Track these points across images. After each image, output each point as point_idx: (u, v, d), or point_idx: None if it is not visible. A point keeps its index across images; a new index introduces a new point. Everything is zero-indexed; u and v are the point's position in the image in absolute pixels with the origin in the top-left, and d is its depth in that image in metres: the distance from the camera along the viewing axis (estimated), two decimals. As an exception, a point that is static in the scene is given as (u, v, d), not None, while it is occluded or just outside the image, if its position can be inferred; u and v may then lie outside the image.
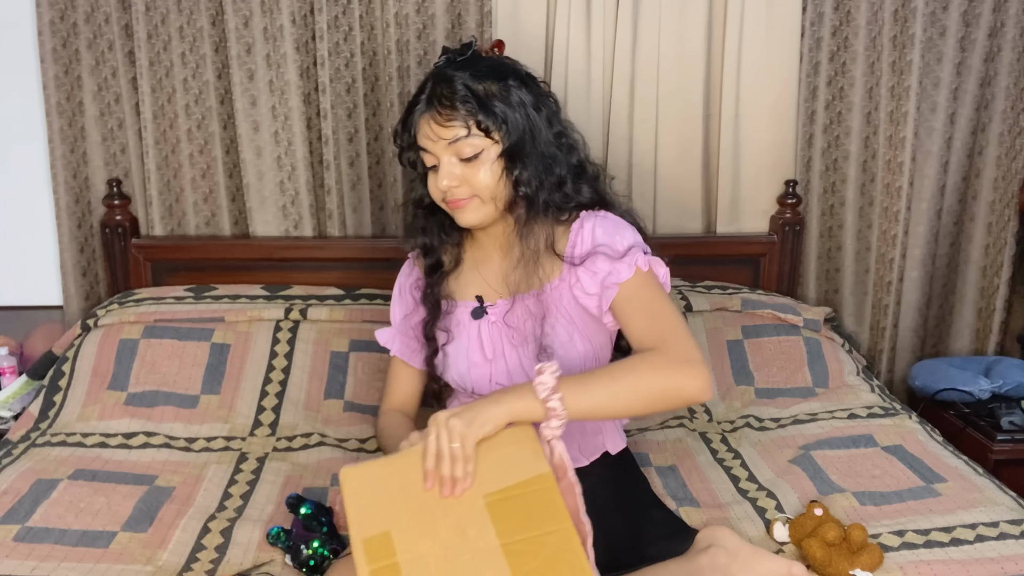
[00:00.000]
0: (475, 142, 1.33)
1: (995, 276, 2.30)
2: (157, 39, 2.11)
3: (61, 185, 2.15)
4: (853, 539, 1.35)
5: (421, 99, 1.37)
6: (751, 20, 2.17)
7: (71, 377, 1.91)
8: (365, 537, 1.10)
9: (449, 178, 1.35)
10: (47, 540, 1.43)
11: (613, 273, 1.34)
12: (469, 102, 1.33)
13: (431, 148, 1.36)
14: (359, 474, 1.17)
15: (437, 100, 1.34)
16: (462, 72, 1.35)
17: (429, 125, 1.35)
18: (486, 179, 1.35)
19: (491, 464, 1.14)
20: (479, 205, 1.38)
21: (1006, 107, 2.25)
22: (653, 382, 1.22)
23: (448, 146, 1.34)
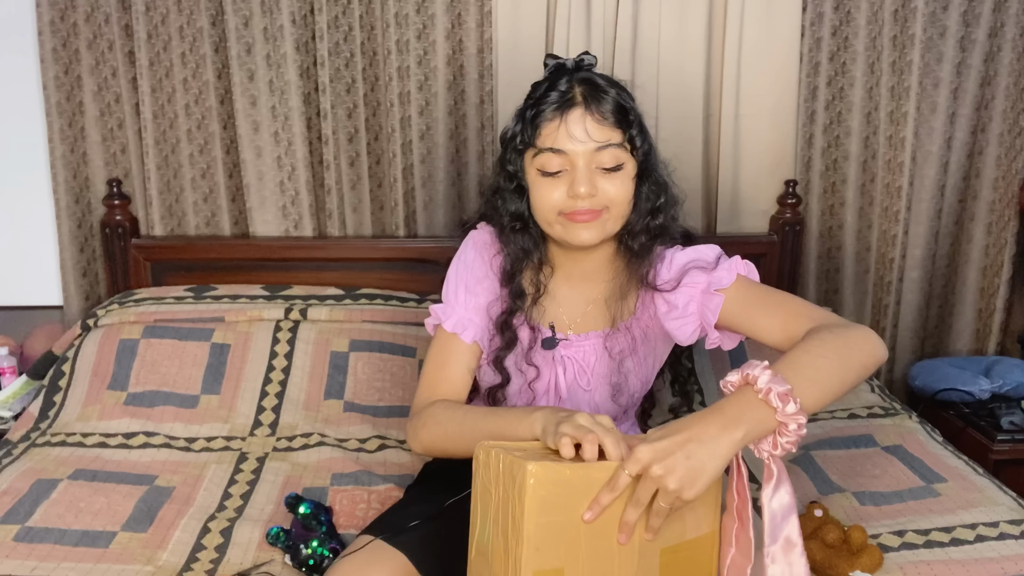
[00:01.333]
0: (621, 153, 1.27)
1: (995, 276, 2.30)
2: (157, 39, 2.11)
3: (61, 185, 2.15)
4: (853, 540, 1.35)
5: (571, 96, 1.27)
6: (751, 20, 2.17)
7: (71, 377, 1.91)
8: (540, 569, 0.93)
9: (588, 185, 1.25)
10: (47, 540, 1.43)
11: (714, 282, 1.31)
12: (622, 111, 1.27)
13: (571, 150, 1.26)
14: (551, 481, 0.93)
15: (595, 101, 1.26)
16: (600, 79, 1.30)
17: (582, 124, 1.25)
18: (624, 193, 1.28)
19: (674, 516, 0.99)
20: (605, 221, 1.29)
21: (1006, 107, 2.25)
22: (852, 351, 1.12)
23: (595, 152, 1.26)
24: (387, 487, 1.63)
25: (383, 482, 1.65)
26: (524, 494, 0.91)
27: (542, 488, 0.92)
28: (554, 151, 1.26)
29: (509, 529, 0.93)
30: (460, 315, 1.36)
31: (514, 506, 0.93)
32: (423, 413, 1.32)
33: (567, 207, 1.27)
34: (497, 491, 0.96)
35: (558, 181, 1.27)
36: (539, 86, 1.32)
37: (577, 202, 1.26)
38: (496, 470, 0.97)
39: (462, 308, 1.36)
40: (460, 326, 1.35)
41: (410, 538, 1.27)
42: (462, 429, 1.24)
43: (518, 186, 1.33)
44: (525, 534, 0.91)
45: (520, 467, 0.92)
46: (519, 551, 0.91)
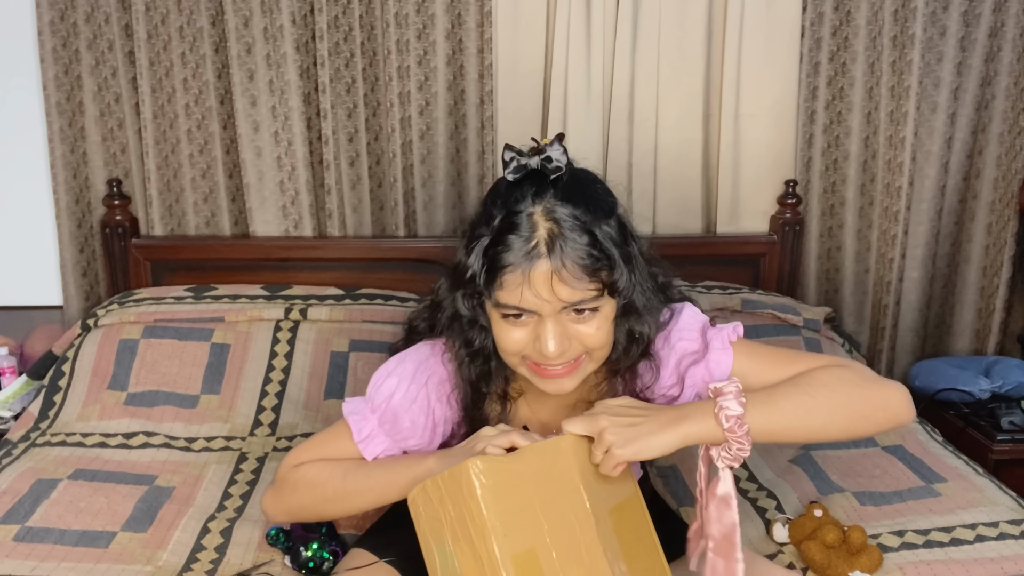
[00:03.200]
0: (599, 302, 1.06)
1: (995, 276, 2.30)
2: (157, 39, 2.11)
3: (61, 185, 2.15)
4: (852, 541, 1.35)
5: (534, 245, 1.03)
6: (751, 20, 2.17)
7: (71, 377, 1.91)
8: (515, 553, 0.93)
9: (558, 344, 1.05)
10: (47, 540, 1.43)
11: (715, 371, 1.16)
12: (600, 260, 1.04)
13: (537, 307, 1.04)
14: (494, 471, 0.95)
15: (562, 254, 1.02)
16: (571, 209, 1.05)
17: (548, 283, 1.03)
18: (601, 334, 1.08)
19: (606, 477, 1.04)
20: (584, 366, 1.11)
21: (1006, 107, 2.25)
22: (852, 398, 1.07)
23: (563, 309, 1.05)
24: (387, 487, 1.63)
25: (383, 482, 1.65)
26: (475, 490, 0.93)
27: (489, 478, 0.94)
28: (517, 309, 1.05)
29: (472, 534, 0.94)
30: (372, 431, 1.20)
31: (469, 509, 0.94)
32: (291, 476, 1.22)
33: (534, 355, 1.08)
34: (446, 512, 0.97)
35: (523, 323, 1.07)
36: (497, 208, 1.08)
37: (547, 359, 1.07)
38: (438, 495, 0.98)
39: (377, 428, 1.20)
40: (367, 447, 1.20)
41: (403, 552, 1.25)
42: (345, 489, 1.17)
43: (479, 325, 1.13)
44: (489, 526, 0.93)
45: (461, 470, 0.94)
46: (490, 545, 0.93)
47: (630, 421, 1.04)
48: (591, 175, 1.13)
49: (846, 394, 1.08)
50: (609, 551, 1.01)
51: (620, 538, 1.05)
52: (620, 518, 1.07)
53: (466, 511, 0.94)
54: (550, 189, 1.07)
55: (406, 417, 1.18)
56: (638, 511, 1.11)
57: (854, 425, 1.09)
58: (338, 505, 1.20)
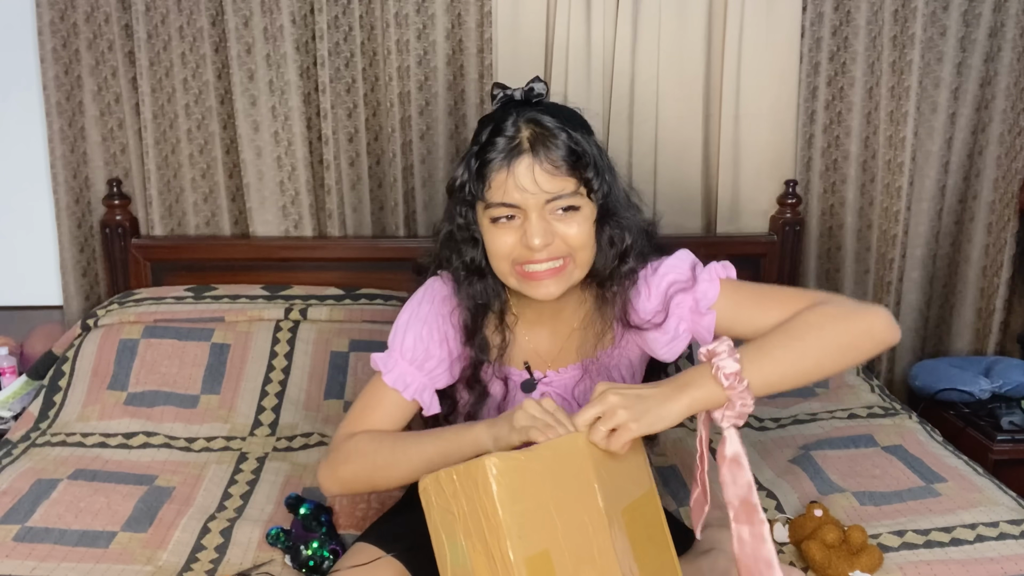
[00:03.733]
0: (576, 199, 1.15)
1: (995, 276, 2.30)
2: (157, 39, 2.11)
3: (61, 185, 2.15)
4: (852, 541, 1.35)
5: (518, 142, 1.14)
6: (751, 20, 2.17)
7: (71, 377, 1.91)
8: (528, 555, 0.93)
9: (542, 235, 1.13)
10: (47, 540, 1.43)
11: (700, 299, 1.21)
12: (574, 155, 1.15)
13: (521, 201, 1.14)
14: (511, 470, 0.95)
15: (543, 147, 1.13)
16: (550, 117, 1.16)
17: (531, 174, 1.13)
18: (585, 237, 1.17)
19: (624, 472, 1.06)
20: (570, 272, 1.18)
21: (1006, 107, 2.25)
22: (839, 330, 1.11)
23: (547, 202, 1.14)
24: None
25: (383, 482, 1.65)
26: (491, 489, 0.92)
27: (505, 477, 0.93)
28: (504, 205, 1.15)
29: (486, 532, 0.94)
30: (403, 370, 1.26)
31: (484, 507, 0.93)
32: (343, 447, 1.25)
33: (521, 256, 1.16)
34: (460, 507, 0.96)
35: (510, 227, 1.16)
36: (485, 124, 1.20)
37: (533, 253, 1.15)
38: (452, 488, 0.97)
39: (407, 364, 1.26)
40: (401, 382, 1.26)
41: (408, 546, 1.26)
42: (394, 457, 1.20)
43: (472, 237, 1.22)
44: (504, 527, 0.92)
45: (478, 467, 0.94)
46: (504, 546, 0.92)
47: (637, 394, 1.05)
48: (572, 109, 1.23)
49: (833, 330, 1.12)
50: (620, 552, 1.01)
51: (632, 538, 1.04)
52: (633, 517, 1.06)
53: (480, 509, 0.94)
54: (533, 109, 1.18)
55: (423, 342, 1.26)
56: (652, 509, 1.10)
57: (844, 357, 1.13)
58: (389, 473, 1.22)
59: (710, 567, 1.21)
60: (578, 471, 1.01)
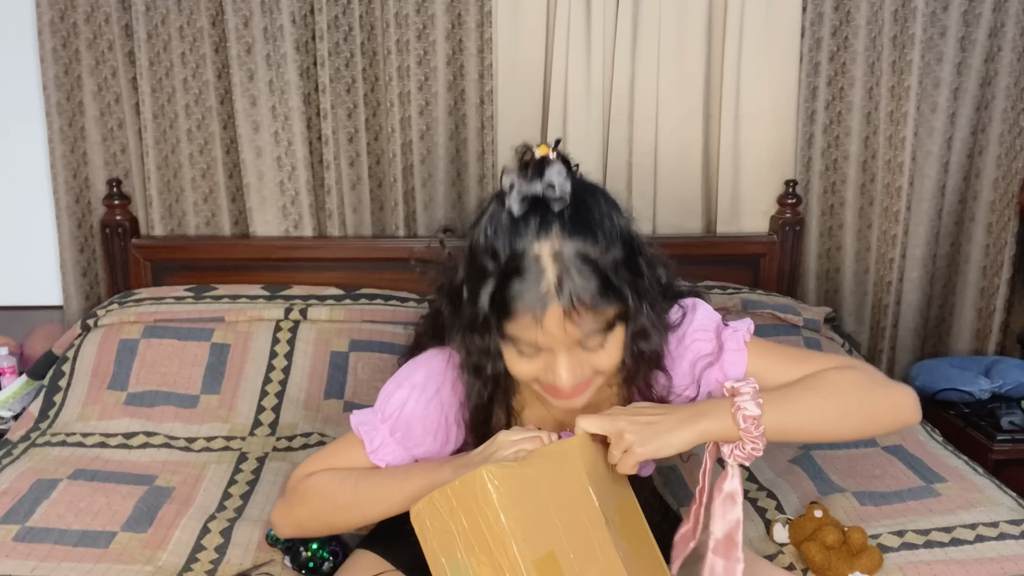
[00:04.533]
0: (608, 331, 1.05)
1: (995, 276, 2.30)
2: (157, 39, 2.11)
3: (61, 185, 2.15)
4: (852, 542, 1.35)
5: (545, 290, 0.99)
6: (751, 20, 2.17)
7: (71, 377, 1.91)
8: (536, 558, 0.92)
9: (572, 375, 1.04)
10: (47, 540, 1.43)
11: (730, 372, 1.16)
12: (609, 295, 1.01)
13: (549, 344, 1.03)
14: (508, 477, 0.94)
15: (576, 294, 0.99)
16: (583, 243, 1.01)
17: (562, 326, 1.01)
18: (612, 360, 1.07)
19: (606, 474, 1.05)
20: (595, 385, 1.10)
21: (1006, 107, 2.25)
22: (865, 400, 1.09)
23: (577, 342, 1.04)
24: (387, 487, 1.63)
25: (383, 482, 1.65)
26: (491, 498, 0.92)
27: (504, 485, 0.93)
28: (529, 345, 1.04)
29: (490, 543, 0.93)
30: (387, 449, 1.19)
31: (486, 517, 0.93)
32: (300, 486, 1.19)
33: (545, 379, 1.07)
34: (459, 523, 0.95)
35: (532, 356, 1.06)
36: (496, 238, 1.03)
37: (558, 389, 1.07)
38: (448, 507, 0.96)
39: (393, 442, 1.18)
40: (378, 457, 1.18)
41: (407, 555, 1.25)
42: (356, 499, 1.15)
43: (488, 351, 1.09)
44: (509, 532, 0.91)
45: (474, 478, 0.93)
46: (511, 552, 0.91)
47: (647, 420, 1.04)
48: (594, 191, 1.08)
49: (857, 397, 1.10)
50: (621, 549, 1.02)
51: (627, 536, 1.06)
52: (623, 517, 1.07)
53: (482, 520, 0.93)
54: (555, 221, 1.02)
55: (418, 426, 1.16)
56: (635, 511, 1.12)
57: (863, 426, 1.12)
58: (348, 515, 1.17)
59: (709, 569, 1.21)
60: (572, 473, 1.02)
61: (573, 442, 1.05)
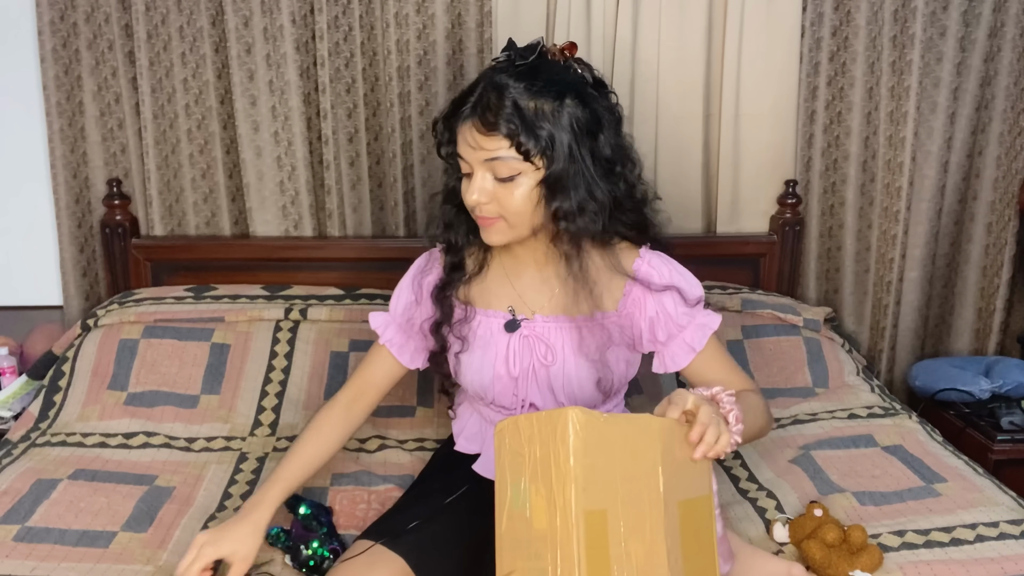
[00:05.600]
0: (513, 164, 1.23)
1: (995, 276, 2.30)
2: (157, 39, 2.11)
3: (61, 185, 2.15)
4: (853, 540, 1.35)
5: (469, 101, 1.25)
6: (751, 20, 2.17)
7: (71, 377, 1.91)
8: (588, 509, 0.97)
9: (480, 193, 1.25)
10: (47, 540, 1.43)
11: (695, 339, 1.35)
12: (514, 121, 1.21)
13: (467, 156, 1.26)
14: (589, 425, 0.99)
15: (483, 109, 1.22)
16: (518, 83, 1.23)
17: (471, 133, 1.24)
18: (519, 204, 1.26)
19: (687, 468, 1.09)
20: (505, 228, 1.29)
21: (1006, 107, 2.25)
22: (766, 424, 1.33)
23: (485, 161, 1.24)
24: (387, 487, 1.63)
25: (383, 482, 1.65)
26: (568, 437, 0.96)
27: (584, 431, 0.97)
28: (458, 156, 1.28)
29: (553, 479, 0.97)
30: (386, 320, 1.48)
31: (557, 453, 0.97)
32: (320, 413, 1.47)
33: (473, 207, 1.29)
34: (532, 451, 1.00)
35: (468, 180, 1.28)
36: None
37: (475, 207, 1.27)
38: (529, 432, 1.01)
39: (389, 317, 1.48)
40: (391, 343, 1.47)
41: (408, 541, 1.27)
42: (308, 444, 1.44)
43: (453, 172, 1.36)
44: (572, 475, 0.95)
45: (560, 415, 0.98)
46: (568, 494, 0.95)
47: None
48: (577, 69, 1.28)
49: (765, 419, 1.34)
50: (670, 539, 1.03)
51: (683, 532, 1.06)
52: (687, 513, 1.08)
53: (553, 455, 0.97)
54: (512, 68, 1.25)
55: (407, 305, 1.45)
56: (705, 514, 1.11)
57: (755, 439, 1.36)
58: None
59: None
60: (647, 449, 1.04)
61: (658, 421, 1.06)
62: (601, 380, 1.37)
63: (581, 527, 0.94)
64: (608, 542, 0.96)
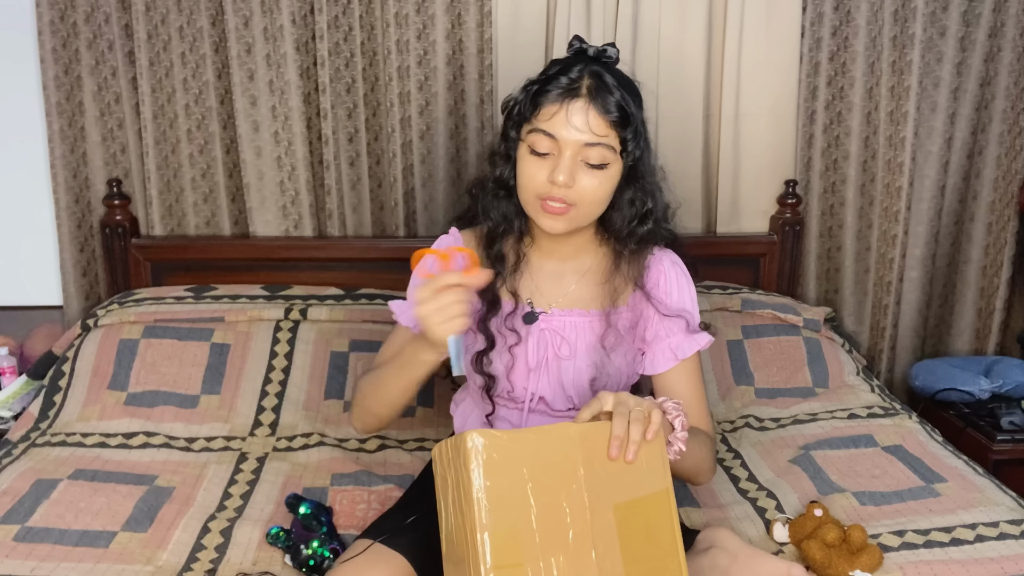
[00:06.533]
0: (606, 152, 1.26)
1: (995, 276, 2.30)
2: (157, 39, 2.11)
3: (61, 185, 2.15)
4: (853, 540, 1.35)
5: (578, 86, 1.26)
6: (751, 20, 2.17)
7: (71, 377, 1.91)
8: (493, 530, 0.98)
9: (568, 175, 1.25)
10: (47, 540, 1.43)
11: (681, 348, 1.38)
12: (621, 110, 1.26)
13: (563, 137, 1.25)
14: (492, 447, 1.00)
15: (596, 92, 1.25)
16: (611, 77, 1.28)
17: (579, 113, 1.25)
18: (602, 193, 1.29)
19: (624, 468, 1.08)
20: (575, 216, 1.30)
21: (1006, 107, 2.25)
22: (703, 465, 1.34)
23: (584, 146, 1.25)
24: (387, 487, 1.63)
25: (383, 482, 1.65)
26: (469, 462, 0.98)
27: (485, 452, 0.99)
28: (546, 134, 1.26)
29: (463, 502, 1.00)
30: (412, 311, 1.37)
31: (463, 477, 0.99)
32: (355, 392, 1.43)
33: (544, 191, 1.27)
34: (451, 475, 1.03)
35: (543, 163, 1.27)
36: (554, 65, 1.32)
37: (554, 189, 1.26)
38: (447, 457, 1.04)
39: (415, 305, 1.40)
40: (411, 320, 1.38)
41: (409, 540, 1.27)
42: (372, 386, 1.37)
43: (508, 154, 1.35)
44: (475, 497, 0.98)
45: (462, 439, 1.00)
46: (473, 517, 0.97)
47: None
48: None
49: (708, 462, 1.35)
50: (602, 545, 1.02)
51: (622, 535, 1.05)
52: (627, 516, 1.06)
53: (463, 478, 1.00)
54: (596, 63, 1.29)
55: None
56: (661, 511, 1.10)
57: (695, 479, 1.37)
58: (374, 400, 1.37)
59: (711, 565, 1.22)
60: (565, 459, 1.04)
61: (577, 427, 1.06)
62: (596, 379, 1.38)
63: (487, 548, 0.96)
64: (523, 559, 0.97)
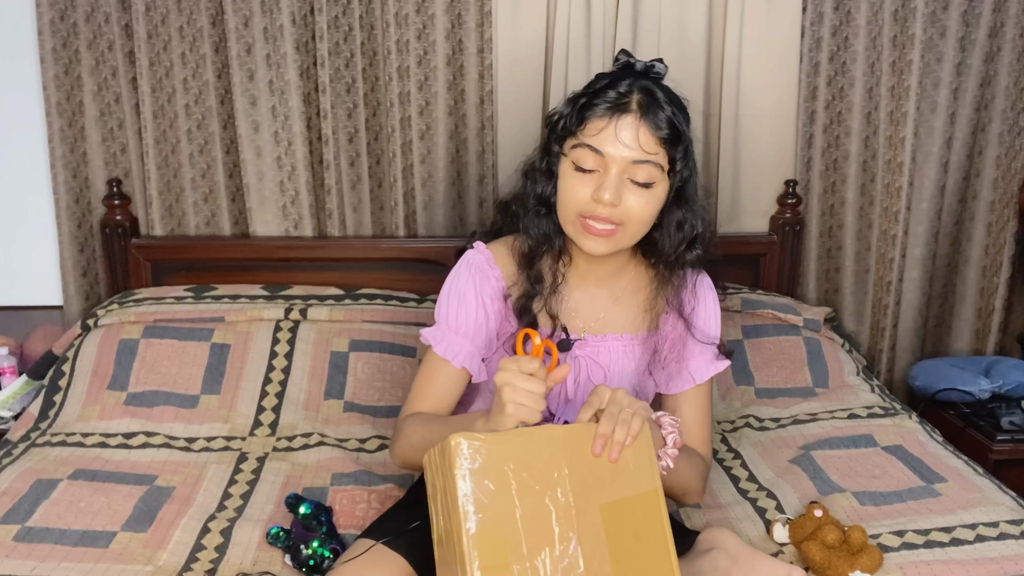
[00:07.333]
0: (654, 171, 1.23)
1: (995, 276, 2.30)
2: (157, 39, 2.11)
3: (61, 185, 2.15)
4: (853, 541, 1.35)
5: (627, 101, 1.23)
6: (751, 20, 2.17)
7: (71, 377, 1.91)
8: (480, 531, 1.00)
9: (614, 193, 1.21)
10: (47, 540, 1.43)
11: (700, 371, 1.39)
12: (673, 129, 1.23)
13: (611, 154, 1.22)
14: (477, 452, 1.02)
15: (646, 108, 1.22)
16: (661, 92, 1.25)
17: (629, 129, 1.21)
18: (648, 212, 1.25)
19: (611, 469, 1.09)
20: (621, 237, 1.26)
21: (1006, 107, 2.25)
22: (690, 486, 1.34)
23: (632, 163, 1.22)
24: (387, 487, 1.63)
25: (383, 482, 1.65)
26: (454, 467, 1.00)
27: (468, 456, 1.01)
28: (593, 149, 1.22)
29: (450, 506, 1.02)
30: (450, 340, 1.35)
31: (449, 480, 1.01)
32: (399, 427, 1.36)
33: (588, 209, 1.23)
34: (439, 481, 1.05)
35: (587, 180, 1.23)
36: (601, 78, 1.29)
37: (598, 207, 1.22)
38: (435, 464, 1.06)
39: (452, 333, 1.35)
40: (450, 352, 1.35)
41: (409, 541, 1.27)
42: (423, 440, 1.28)
43: (549, 170, 1.31)
44: (460, 502, 0.99)
45: (446, 443, 1.02)
46: (459, 518, 0.99)
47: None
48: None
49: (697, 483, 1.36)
50: (589, 545, 1.03)
51: (610, 535, 1.06)
52: (615, 515, 1.07)
53: (449, 483, 1.02)
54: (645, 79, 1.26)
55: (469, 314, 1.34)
56: (650, 511, 1.10)
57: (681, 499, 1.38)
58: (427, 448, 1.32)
59: (711, 566, 1.22)
60: (550, 460, 1.05)
61: (560, 429, 1.07)
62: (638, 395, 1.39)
63: (473, 551, 0.98)
64: (509, 559, 0.99)
